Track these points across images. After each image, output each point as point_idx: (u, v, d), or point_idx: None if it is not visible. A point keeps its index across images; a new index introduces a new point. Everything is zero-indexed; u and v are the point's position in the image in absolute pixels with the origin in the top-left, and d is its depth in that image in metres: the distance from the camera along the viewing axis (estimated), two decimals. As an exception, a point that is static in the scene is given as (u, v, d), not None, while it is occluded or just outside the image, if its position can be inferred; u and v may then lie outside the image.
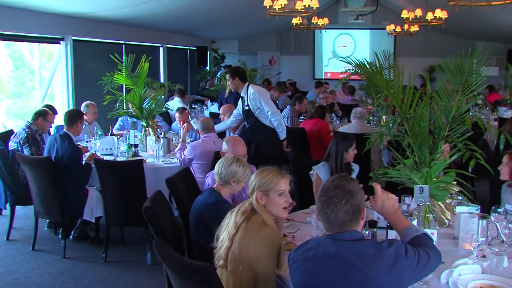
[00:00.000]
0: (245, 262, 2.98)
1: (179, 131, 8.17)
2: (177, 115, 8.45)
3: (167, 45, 15.32)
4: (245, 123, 6.96)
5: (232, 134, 6.58)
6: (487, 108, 11.01)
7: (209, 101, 12.55)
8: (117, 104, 7.45)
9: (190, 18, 13.10)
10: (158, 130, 7.49)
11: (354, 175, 5.07)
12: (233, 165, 3.94)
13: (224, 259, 3.03)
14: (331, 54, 20.16)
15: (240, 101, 6.89)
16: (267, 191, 3.22)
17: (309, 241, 2.72)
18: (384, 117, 5.59)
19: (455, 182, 3.81)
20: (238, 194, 4.44)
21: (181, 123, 8.19)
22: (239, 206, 3.20)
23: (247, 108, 6.71)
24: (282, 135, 6.67)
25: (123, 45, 12.77)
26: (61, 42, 10.37)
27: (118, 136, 7.46)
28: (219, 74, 16.21)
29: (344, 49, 19.98)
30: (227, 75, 6.90)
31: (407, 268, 2.50)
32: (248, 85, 6.76)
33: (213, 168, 4.37)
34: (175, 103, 10.36)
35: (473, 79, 3.75)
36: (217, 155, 5.38)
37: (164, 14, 11.87)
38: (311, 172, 5.14)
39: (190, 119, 8.43)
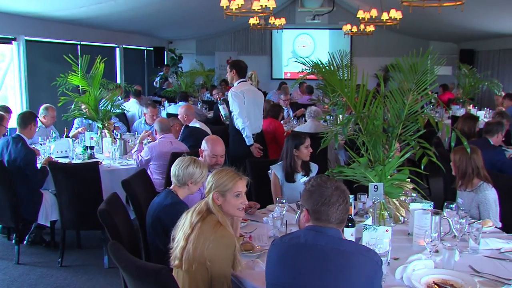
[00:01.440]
0: (200, 262, 2.97)
1: (140, 133, 8.08)
2: (150, 109, 8.40)
3: (123, 46, 15.12)
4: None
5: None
6: (441, 106, 11.27)
7: (166, 102, 12.45)
8: (72, 106, 7.31)
9: (146, 18, 12.97)
10: (115, 131, 7.40)
11: (313, 174, 5.10)
12: (190, 166, 3.92)
13: (179, 259, 3.02)
14: (290, 54, 20.26)
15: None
16: (224, 192, 3.22)
17: (294, 232, 2.77)
18: (340, 116, 5.65)
19: (409, 180, 3.88)
20: None
21: (153, 117, 8.25)
22: (195, 206, 3.19)
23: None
24: (247, 140, 6.48)
25: (78, 46, 12.55)
26: (13, 42, 10.10)
27: (74, 139, 7.34)
28: (161, 73, 16.09)
29: (303, 49, 20.12)
30: (227, 66, 6.83)
31: (378, 277, 2.57)
32: (238, 83, 6.57)
33: (170, 170, 4.34)
34: (131, 105, 10.26)
35: (425, 78, 3.82)
36: (174, 156, 5.34)
37: (120, 14, 11.72)
38: (269, 171, 5.16)
39: (219, 104, 8.28)
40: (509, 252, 3.46)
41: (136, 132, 8.19)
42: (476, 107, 11.92)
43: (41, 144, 6.87)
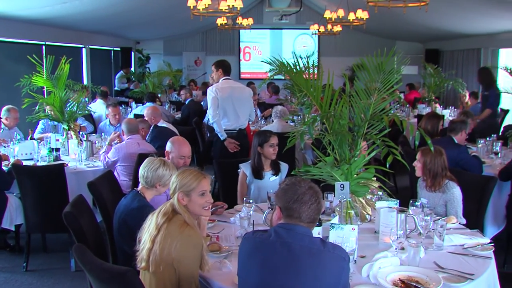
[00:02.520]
0: (167, 263, 2.96)
1: (106, 134, 7.99)
2: (110, 109, 8.32)
3: (90, 46, 14.91)
4: None
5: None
6: (405, 105, 11.44)
7: (133, 103, 12.35)
8: (37, 107, 7.19)
9: (113, 18, 12.83)
10: (82, 132, 7.30)
11: (283, 175, 5.12)
12: (160, 169, 3.88)
13: (146, 260, 3.00)
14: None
15: None
16: (189, 191, 3.20)
17: (267, 229, 2.79)
18: (308, 115, 5.68)
19: (374, 178, 3.91)
20: None
21: (116, 116, 8.22)
22: (160, 208, 3.17)
23: None
24: (219, 135, 6.71)
25: (43, 46, 12.32)
26: (-25, 42, 9.92)
27: (39, 140, 7.22)
28: (119, 73, 15.95)
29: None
30: (212, 66, 7.00)
31: (346, 273, 2.61)
32: (222, 80, 6.82)
33: (137, 171, 4.30)
34: (97, 106, 10.14)
35: (390, 77, 3.86)
36: (141, 157, 5.30)
37: (86, 14, 11.55)
38: (239, 170, 5.15)
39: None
40: (472, 247, 3.53)
41: (102, 133, 8.10)
42: (441, 106, 12.12)
43: (4, 147, 6.75)
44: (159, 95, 12.43)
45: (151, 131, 7.00)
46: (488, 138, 7.23)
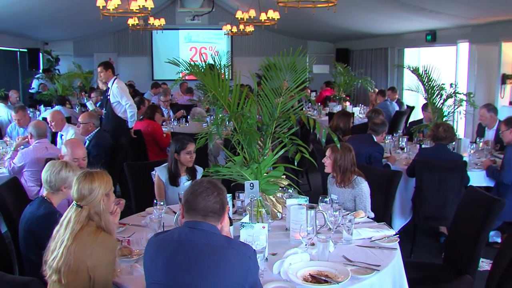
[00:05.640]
0: (82, 272, 2.89)
1: (14, 138, 7.64)
2: (13, 113, 7.93)
3: (-8, 47, 14.25)
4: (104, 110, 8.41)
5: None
6: (313, 104, 11.73)
7: (42, 106, 11.89)
8: None
9: (16, 17, 12.23)
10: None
11: (198, 177, 5.08)
12: (63, 171, 3.77)
13: (57, 271, 2.89)
14: None
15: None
16: (108, 193, 3.20)
17: (171, 229, 2.81)
18: (220, 115, 5.69)
19: (284, 176, 3.97)
20: None
21: (19, 121, 7.86)
22: (69, 216, 3.03)
23: (108, 97, 7.94)
24: (131, 124, 7.89)
25: None
26: None
27: None
28: (38, 75, 15.41)
29: None
30: (99, 68, 8.01)
31: (252, 271, 2.60)
32: (115, 79, 7.95)
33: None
34: (-3, 110, 9.66)
35: (298, 76, 3.93)
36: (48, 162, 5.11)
37: (-16, 13, 10.98)
38: (153, 172, 5.07)
39: (85, 101, 8.98)
40: (379, 240, 3.66)
41: (8, 137, 7.73)
42: (351, 104, 12.48)
43: None
44: (69, 98, 12.06)
45: (94, 134, 6.65)
46: (395, 134, 7.55)
